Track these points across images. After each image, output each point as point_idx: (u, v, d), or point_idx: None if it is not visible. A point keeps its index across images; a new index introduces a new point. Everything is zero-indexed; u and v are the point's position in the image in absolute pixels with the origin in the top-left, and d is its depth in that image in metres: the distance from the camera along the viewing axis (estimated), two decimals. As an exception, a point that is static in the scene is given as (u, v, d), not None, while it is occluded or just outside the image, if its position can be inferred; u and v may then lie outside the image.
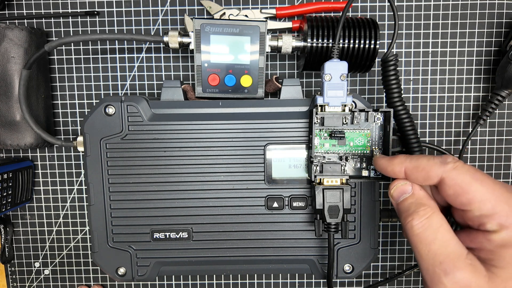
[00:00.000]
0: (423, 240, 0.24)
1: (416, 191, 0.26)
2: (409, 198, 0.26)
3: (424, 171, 0.25)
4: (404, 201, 0.26)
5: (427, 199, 0.25)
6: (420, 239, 0.24)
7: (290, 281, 0.43)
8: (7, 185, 0.38)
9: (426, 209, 0.24)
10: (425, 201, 0.25)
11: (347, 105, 0.31)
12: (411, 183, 0.26)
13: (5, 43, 0.36)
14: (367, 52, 0.35)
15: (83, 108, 0.41)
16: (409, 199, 0.26)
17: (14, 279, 0.44)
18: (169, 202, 0.34)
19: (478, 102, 0.41)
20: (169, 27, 0.40)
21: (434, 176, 0.24)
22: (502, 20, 0.40)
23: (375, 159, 0.30)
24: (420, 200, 0.25)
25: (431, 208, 0.25)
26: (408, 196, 0.26)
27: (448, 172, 0.24)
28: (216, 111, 0.33)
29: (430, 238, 0.23)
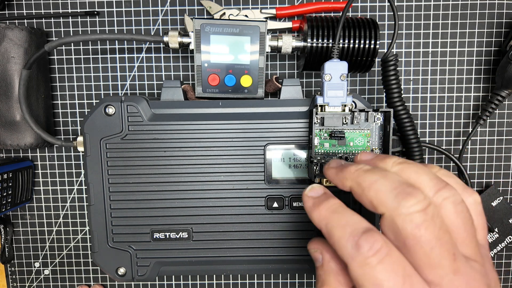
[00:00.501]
0: None
1: (325, 262, 0.24)
2: (319, 268, 0.24)
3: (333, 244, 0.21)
4: (316, 269, 0.25)
5: (334, 275, 0.23)
6: None
7: (290, 281, 0.43)
8: (7, 185, 0.38)
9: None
10: (331, 278, 0.23)
11: (347, 105, 0.31)
12: (321, 252, 0.24)
13: (5, 43, 0.36)
14: (367, 52, 0.35)
15: (83, 108, 0.41)
16: (319, 269, 0.24)
17: (14, 279, 0.44)
18: (169, 202, 0.34)
19: (478, 102, 0.41)
20: (169, 27, 0.40)
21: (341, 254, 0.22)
22: (502, 20, 0.40)
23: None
24: (327, 276, 0.23)
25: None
26: (319, 265, 0.24)
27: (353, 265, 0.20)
28: (216, 111, 0.33)
29: None
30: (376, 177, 0.21)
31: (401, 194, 0.20)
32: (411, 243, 0.19)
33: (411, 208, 0.19)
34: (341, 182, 0.23)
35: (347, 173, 0.23)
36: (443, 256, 0.19)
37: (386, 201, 0.20)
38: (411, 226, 0.19)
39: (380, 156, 0.24)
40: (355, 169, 0.22)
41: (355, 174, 0.22)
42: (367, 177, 0.21)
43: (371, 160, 0.24)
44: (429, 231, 0.19)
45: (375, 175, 0.21)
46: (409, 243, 0.19)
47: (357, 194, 0.22)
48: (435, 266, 0.19)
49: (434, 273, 0.19)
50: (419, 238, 0.19)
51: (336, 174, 0.24)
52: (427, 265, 0.19)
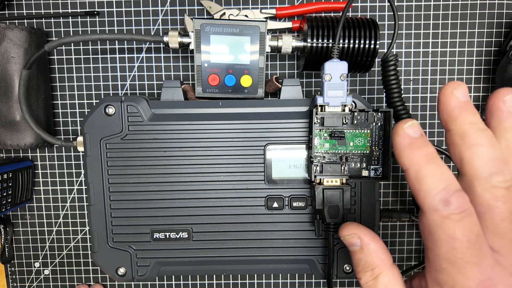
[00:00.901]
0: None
1: (364, 246, 0.25)
2: (358, 252, 0.25)
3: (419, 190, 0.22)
4: (354, 254, 0.25)
5: (376, 255, 0.24)
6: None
7: (290, 281, 0.43)
8: (7, 185, 0.38)
9: (373, 269, 0.24)
10: (374, 258, 0.24)
11: (347, 105, 0.31)
12: (358, 236, 0.25)
13: (5, 43, 0.36)
14: (367, 52, 0.35)
15: (83, 108, 0.41)
16: (358, 253, 0.25)
17: (14, 279, 0.44)
18: (169, 202, 0.34)
19: (478, 102, 0.41)
20: (169, 27, 0.40)
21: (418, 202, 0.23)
22: (502, 20, 0.40)
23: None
24: (369, 257, 0.24)
25: (379, 266, 0.24)
26: (357, 249, 0.25)
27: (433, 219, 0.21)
28: (216, 111, 0.33)
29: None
30: (483, 142, 0.21)
31: (494, 168, 0.21)
32: (484, 210, 0.21)
33: (497, 183, 0.21)
34: (449, 117, 0.22)
35: (463, 116, 0.22)
36: (509, 229, 0.21)
37: (479, 168, 0.21)
38: (490, 196, 0.21)
39: (507, 122, 0.23)
40: (470, 120, 0.22)
41: (468, 125, 0.22)
42: (476, 136, 0.22)
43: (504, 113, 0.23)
44: (506, 205, 0.21)
45: (484, 140, 0.21)
46: (481, 210, 0.21)
47: (454, 142, 0.22)
48: (500, 235, 0.21)
49: (497, 241, 0.21)
50: (493, 208, 0.21)
51: (453, 109, 0.22)
52: (492, 233, 0.21)
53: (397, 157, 0.23)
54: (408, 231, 0.42)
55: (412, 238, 0.42)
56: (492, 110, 0.23)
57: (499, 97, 0.23)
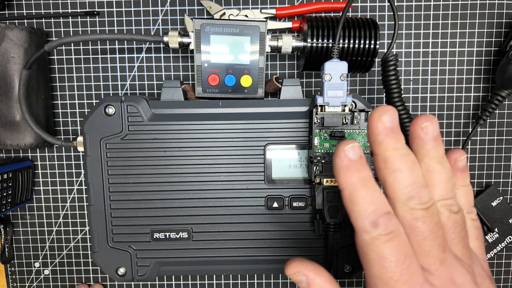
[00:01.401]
0: None
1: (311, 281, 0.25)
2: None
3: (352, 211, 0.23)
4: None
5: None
6: None
7: (290, 281, 0.43)
8: (7, 185, 0.38)
9: None
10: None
11: (347, 105, 0.31)
12: (304, 273, 0.25)
13: (5, 43, 0.36)
14: (367, 52, 0.35)
15: (83, 108, 0.41)
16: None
17: (14, 279, 0.44)
18: (169, 202, 0.34)
19: (478, 102, 0.41)
20: (169, 27, 0.40)
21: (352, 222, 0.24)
22: (502, 20, 0.40)
23: None
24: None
25: None
26: (305, 286, 0.25)
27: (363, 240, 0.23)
28: (216, 111, 0.33)
29: None
30: (403, 167, 0.23)
31: (412, 192, 0.23)
32: (407, 231, 0.23)
33: (416, 205, 0.22)
34: (375, 141, 0.24)
35: (387, 142, 0.23)
36: (433, 247, 0.23)
37: (399, 191, 0.23)
38: (410, 217, 0.22)
39: (432, 143, 0.24)
40: (393, 146, 0.23)
41: (391, 151, 0.23)
42: (397, 162, 0.23)
43: (422, 139, 0.24)
44: (425, 225, 0.22)
45: (405, 165, 0.23)
46: (405, 231, 0.23)
47: (378, 166, 0.24)
48: (425, 254, 0.23)
49: (424, 260, 0.23)
50: (414, 228, 0.23)
51: (378, 134, 0.23)
52: (418, 252, 0.23)
53: (335, 177, 0.24)
54: None
55: (412, 238, 0.42)
56: (413, 137, 0.25)
57: (417, 125, 0.24)
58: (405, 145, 0.24)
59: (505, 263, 0.42)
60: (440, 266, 0.23)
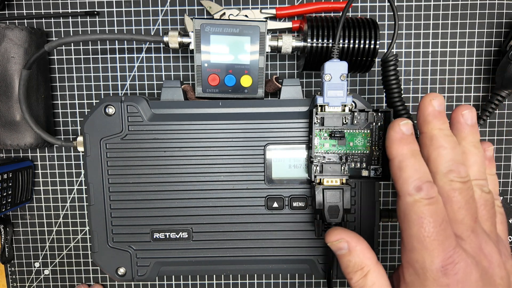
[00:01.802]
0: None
1: (352, 248, 0.27)
2: (346, 255, 0.27)
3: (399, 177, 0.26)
4: (342, 257, 0.28)
5: (363, 255, 0.27)
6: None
7: (290, 281, 0.43)
8: (7, 185, 0.38)
9: (362, 269, 0.27)
10: (361, 259, 0.27)
11: (347, 105, 0.31)
12: (346, 240, 0.27)
13: (5, 43, 0.36)
14: (367, 52, 0.35)
15: (83, 108, 0.41)
16: (346, 256, 0.27)
17: (14, 279, 0.44)
18: (169, 202, 0.34)
19: (478, 102, 0.41)
20: (169, 27, 0.40)
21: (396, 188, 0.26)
22: (502, 20, 0.40)
23: None
24: (357, 258, 0.27)
25: (367, 265, 0.27)
26: (345, 253, 0.27)
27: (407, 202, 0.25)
28: (216, 111, 0.33)
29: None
30: (447, 145, 0.26)
31: (452, 166, 0.25)
32: (444, 200, 0.25)
33: (455, 177, 0.25)
34: (424, 121, 0.27)
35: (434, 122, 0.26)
36: (466, 216, 0.25)
37: (441, 165, 0.26)
38: (448, 188, 0.25)
39: (469, 129, 0.28)
40: (439, 126, 0.26)
41: (437, 130, 0.26)
42: (441, 140, 0.26)
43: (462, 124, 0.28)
44: (461, 195, 0.25)
45: (448, 144, 0.26)
46: (442, 200, 0.25)
47: (424, 142, 0.27)
48: (459, 221, 0.25)
49: (457, 227, 0.25)
50: (452, 197, 0.25)
51: (427, 114, 0.27)
52: (453, 220, 0.25)
53: (387, 147, 0.27)
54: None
55: (412, 238, 0.42)
56: (453, 122, 0.28)
57: (459, 111, 0.28)
58: (449, 127, 0.27)
59: (505, 263, 0.42)
60: (472, 234, 0.25)
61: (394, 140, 0.26)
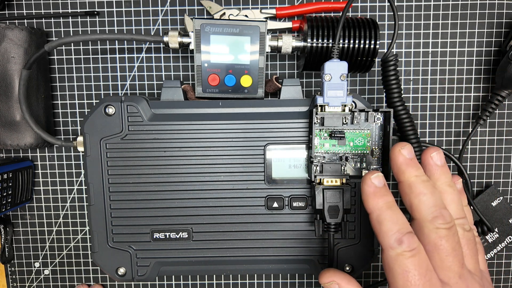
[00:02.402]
0: None
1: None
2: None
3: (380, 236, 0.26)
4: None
5: None
6: None
7: (290, 281, 0.43)
8: (7, 185, 0.38)
9: None
10: None
11: (347, 105, 0.31)
12: (337, 282, 0.28)
13: (5, 43, 0.36)
14: (367, 52, 0.35)
15: (83, 108, 0.41)
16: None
17: (14, 279, 0.44)
18: (169, 202, 0.34)
19: (478, 102, 0.41)
20: (169, 27, 0.40)
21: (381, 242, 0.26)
22: (502, 20, 0.40)
23: None
24: None
25: None
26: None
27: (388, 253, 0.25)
28: (216, 111, 0.33)
29: None
30: (426, 191, 0.26)
31: (436, 212, 0.26)
32: (431, 248, 0.26)
33: (439, 225, 0.26)
34: (399, 171, 0.28)
35: (409, 170, 0.27)
36: (453, 262, 0.26)
37: (425, 212, 0.26)
38: (435, 236, 0.26)
39: (440, 170, 0.29)
40: (415, 173, 0.27)
41: (414, 177, 0.27)
42: (420, 186, 0.27)
43: (433, 166, 0.29)
44: (448, 243, 0.25)
45: (427, 189, 0.26)
46: (429, 248, 0.26)
47: (404, 191, 0.27)
48: (446, 269, 0.26)
49: (445, 274, 0.26)
50: (439, 245, 0.25)
51: (400, 164, 0.27)
52: (440, 267, 0.26)
53: (364, 202, 0.27)
54: None
55: (412, 238, 0.42)
56: (425, 164, 0.29)
57: (427, 154, 0.29)
58: (423, 173, 0.27)
59: (505, 263, 0.42)
60: (459, 280, 0.26)
61: (368, 194, 0.27)
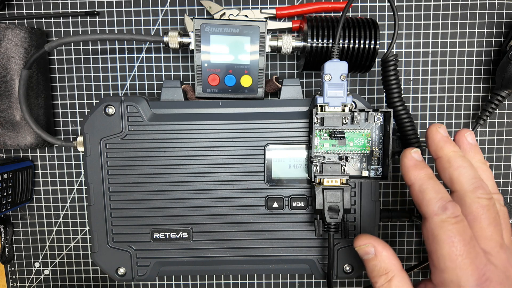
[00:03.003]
0: None
1: (378, 254, 0.28)
2: (372, 259, 0.28)
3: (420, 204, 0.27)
4: (368, 261, 0.28)
5: (389, 261, 0.28)
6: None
7: (290, 281, 0.43)
8: (7, 185, 0.38)
9: (387, 273, 0.27)
10: (387, 264, 0.28)
11: (347, 105, 0.31)
12: (373, 245, 0.28)
13: (5, 43, 0.36)
14: (367, 52, 0.35)
15: (83, 108, 0.41)
16: (373, 260, 0.28)
17: (14, 279, 0.44)
18: (169, 202, 0.34)
19: (478, 102, 0.41)
20: (169, 27, 0.40)
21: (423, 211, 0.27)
22: (502, 20, 0.40)
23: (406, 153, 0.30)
24: (382, 263, 0.28)
25: (392, 270, 0.27)
26: (372, 257, 0.28)
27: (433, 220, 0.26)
28: (216, 111, 0.33)
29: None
30: (465, 164, 0.28)
31: (477, 183, 0.27)
32: (473, 218, 0.26)
33: (481, 195, 0.27)
34: (437, 147, 0.29)
35: (447, 146, 0.28)
36: (494, 232, 0.26)
37: (466, 183, 0.27)
38: (476, 206, 0.26)
39: (474, 148, 0.30)
40: (453, 149, 0.28)
41: (452, 152, 0.28)
42: (459, 160, 0.28)
43: (467, 145, 0.30)
44: (489, 212, 0.26)
45: (466, 163, 0.28)
46: (470, 218, 0.26)
47: (443, 166, 0.28)
48: (488, 238, 0.26)
49: (486, 244, 0.26)
50: (480, 215, 0.26)
51: (439, 141, 0.29)
52: (481, 237, 0.26)
53: (404, 175, 0.28)
54: (408, 231, 0.42)
55: (412, 238, 0.42)
56: (459, 143, 0.31)
57: (462, 134, 0.31)
58: (460, 150, 0.29)
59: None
60: (500, 249, 0.26)
61: (409, 167, 0.28)
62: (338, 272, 0.34)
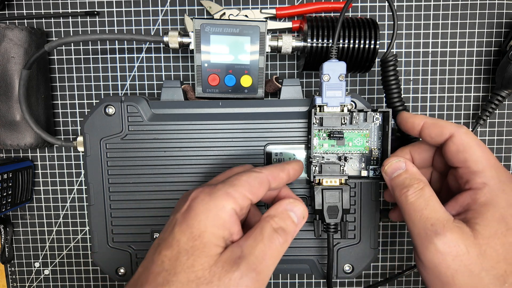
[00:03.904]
0: (416, 207, 0.26)
1: (409, 167, 0.28)
2: (403, 173, 0.28)
3: (441, 127, 0.28)
4: (398, 176, 0.28)
5: (419, 175, 0.28)
6: (413, 207, 0.26)
7: (290, 281, 0.43)
8: (7, 185, 0.38)
9: (419, 182, 0.27)
10: (418, 176, 0.28)
11: (346, 106, 0.31)
12: (404, 160, 0.29)
13: (5, 43, 0.36)
14: (367, 52, 0.35)
15: (83, 108, 0.41)
16: (403, 174, 0.28)
17: (14, 279, 0.44)
18: (169, 202, 0.34)
19: (478, 102, 0.41)
20: (169, 27, 0.40)
21: (446, 132, 0.28)
22: (502, 20, 0.40)
23: (400, 113, 0.31)
24: (414, 175, 0.28)
25: (423, 182, 0.27)
26: (402, 172, 0.29)
27: (459, 132, 0.27)
28: (216, 111, 0.33)
29: (422, 205, 0.26)
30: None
31: None
32: None
33: None
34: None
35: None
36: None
37: None
38: None
39: None
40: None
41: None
42: None
43: None
44: None
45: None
46: None
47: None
48: None
49: None
50: None
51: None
52: None
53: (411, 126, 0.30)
54: (408, 231, 0.42)
55: (412, 238, 0.42)
56: None
57: None
58: None
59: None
60: None
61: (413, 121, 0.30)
62: (338, 272, 0.34)
